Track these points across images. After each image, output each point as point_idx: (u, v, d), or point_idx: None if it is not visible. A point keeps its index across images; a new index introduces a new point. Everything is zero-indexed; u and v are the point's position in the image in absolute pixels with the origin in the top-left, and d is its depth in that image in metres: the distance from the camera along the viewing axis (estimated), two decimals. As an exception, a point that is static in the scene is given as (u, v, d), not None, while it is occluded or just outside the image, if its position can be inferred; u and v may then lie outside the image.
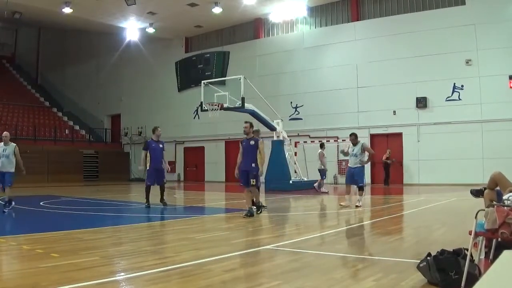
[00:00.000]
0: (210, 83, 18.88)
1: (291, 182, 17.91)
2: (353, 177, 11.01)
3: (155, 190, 11.35)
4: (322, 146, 16.81)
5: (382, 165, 20.49)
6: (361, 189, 10.90)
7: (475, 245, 4.01)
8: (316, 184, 16.73)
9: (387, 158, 20.32)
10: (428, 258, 4.03)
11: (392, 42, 21.41)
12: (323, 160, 16.32)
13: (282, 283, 4.11)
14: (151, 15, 24.75)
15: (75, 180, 25.97)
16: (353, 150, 11.02)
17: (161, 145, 11.39)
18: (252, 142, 9.14)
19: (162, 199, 11.34)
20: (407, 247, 6.03)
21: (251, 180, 9.04)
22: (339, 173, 22.93)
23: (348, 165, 11.33)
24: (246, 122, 9.37)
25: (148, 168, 11.12)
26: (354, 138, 11.10)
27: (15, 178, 10.34)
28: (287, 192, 16.39)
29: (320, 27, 24.47)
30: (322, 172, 16.40)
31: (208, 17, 25.00)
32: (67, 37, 34.43)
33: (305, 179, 19.26)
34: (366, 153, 10.98)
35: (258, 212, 10.33)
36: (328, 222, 8.69)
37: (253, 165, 9.01)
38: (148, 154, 11.14)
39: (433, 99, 20.44)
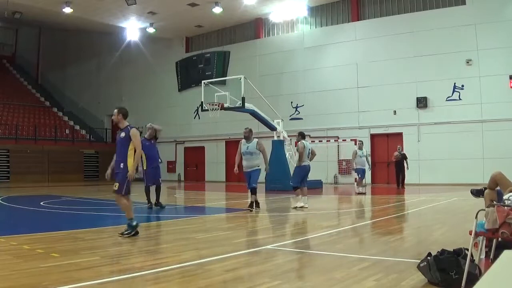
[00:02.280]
0: (211, 83, 18.88)
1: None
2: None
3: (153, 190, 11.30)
4: (360, 146, 15.82)
5: (394, 164, 18.98)
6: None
7: (475, 245, 4.01)
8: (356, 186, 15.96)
9: (400, 156, 18.29)
10: (429, 258, 4.03)
11: (392, 42, 21.41)
12: (357, 160, 15.55)
13: (283, 283, 4.11)
14: (152, 15, 24.76)
15: (76, 180, 26.00)
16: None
17: (152, 141, 11.06)
18: (122, 134, 6.66)
19: (158, 201, 10.94)
20: (407, 247, 6.03)
21: (114, 184, 6.63)
22: (339, 173, 22.94)
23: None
24: (116, 109, 6.86)
25: (145, 168, 10.85)
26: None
27: None
28: (288, 192, 16.37)
29: (321, 27, 24.48)
30: (357, 172, 15.76)
31: (208, 17, 25.02)
32: (67, 37, 34.43)
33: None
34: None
35: (253, 210, 10.17)
36: (329, 222, 8.69)
37: (121, 165, 6.63)
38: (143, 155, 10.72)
39: (433, 99, 20.44)
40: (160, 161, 11.33)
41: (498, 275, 1.67)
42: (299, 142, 11.05)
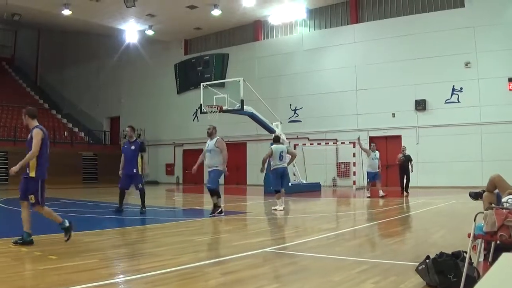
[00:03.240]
0: (210, 85, 18.89)
1: (290, 184, 17.86)
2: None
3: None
4: (373, 148, 15.73)
5: (398, 167, 17.39)
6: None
7: (474, 247, 4.01)
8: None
9: (403, 159, 16.43)
10: (427, 260, 4.03)
11: (391, 44, 21.44)
12: (369, 162, 15.37)
13: (281, 286, 4.11)
14: (151, 17, 24.77)
15: (74, 182, 25.92)
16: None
17: (133, 147, 10.08)
18: (29, 136, 6.29)
19: (142, 207, 10.33)
20: (406, 249, 6.03)
21: (28, 196, 6.22)
22: (338, 175, 22.93)
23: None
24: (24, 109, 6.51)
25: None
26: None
27: None
28: (286, 194, 16.33)
29: (320, 29, 24.50)
30: (368, 175, 15.55)
31: (207, 19, 25.02)
32: (66, 39, 34.42)
33: (304, 182, 19.25)
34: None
35: (214, 214, 9.55)
36: (327, 225, 8.68)
37: (26, 170, 6.13)
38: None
39: (432, 101, 20.46)
40: (134, 170, 10.16)
41: (496, 278, 1.67)
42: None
